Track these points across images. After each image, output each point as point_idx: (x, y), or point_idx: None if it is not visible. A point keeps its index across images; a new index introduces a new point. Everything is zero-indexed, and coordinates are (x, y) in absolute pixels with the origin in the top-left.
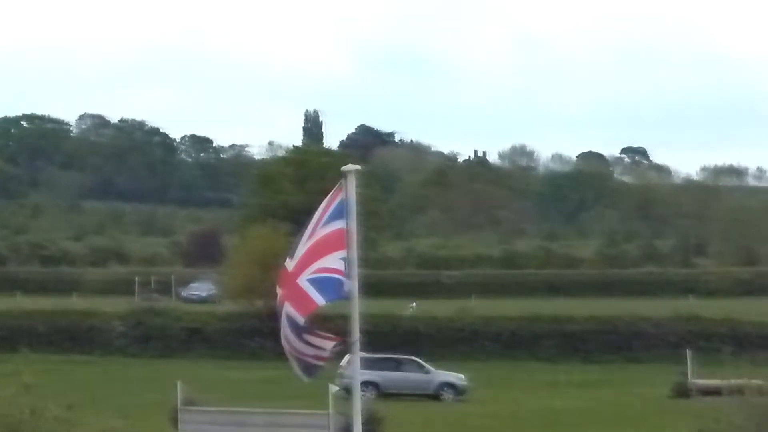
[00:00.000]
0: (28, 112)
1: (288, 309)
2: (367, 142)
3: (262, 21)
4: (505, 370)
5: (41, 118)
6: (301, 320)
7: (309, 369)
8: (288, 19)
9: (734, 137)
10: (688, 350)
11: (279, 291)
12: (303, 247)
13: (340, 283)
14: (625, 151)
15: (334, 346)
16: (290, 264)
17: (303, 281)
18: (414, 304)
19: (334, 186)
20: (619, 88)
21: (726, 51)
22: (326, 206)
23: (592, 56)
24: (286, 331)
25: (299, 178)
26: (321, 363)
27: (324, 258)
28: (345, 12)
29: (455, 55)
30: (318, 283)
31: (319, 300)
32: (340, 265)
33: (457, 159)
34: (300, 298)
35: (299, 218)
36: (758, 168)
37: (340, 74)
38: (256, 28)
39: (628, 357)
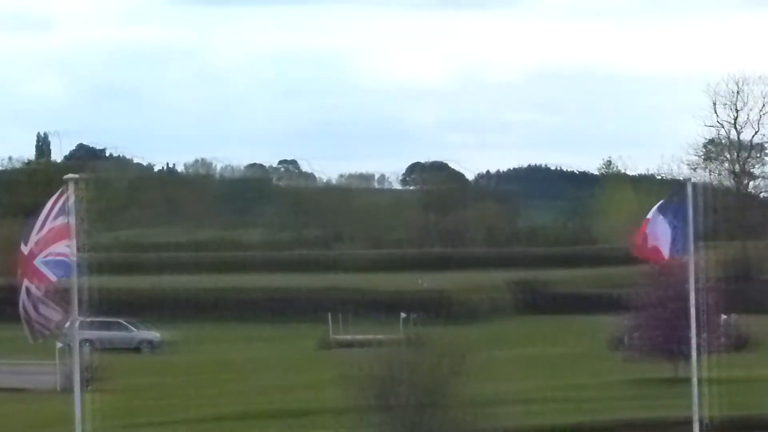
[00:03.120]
0: None
1: (27, 284)
2: (86, 156)
3: None
4: (195, 330)
5: None
6: (39, 293)
7: (36, 333)
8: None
9: (364, 151)
10: (329, 313)
11: (19, 270)
12: (36, 236)
13: (67, 264)
14: (281, 162)
15: (62, 322)
16: (25, 249)
17: (39, 262)
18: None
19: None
20: (276, 113)
21: (358, 81)
22: (52, 205)
23: (254, 87)
24: (24, 301)
25: (32, 185)
26: (47, 333)
27: (54, 245)
28: (63, 47)
29: (150, 86)
30: (51, 264)
31: (52, 277)
32: (67, 251)
33: (153, 168)
34: (38, 275)
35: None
36: (382, 174)
37: (66, 103)
38: None
39: (285, 319)
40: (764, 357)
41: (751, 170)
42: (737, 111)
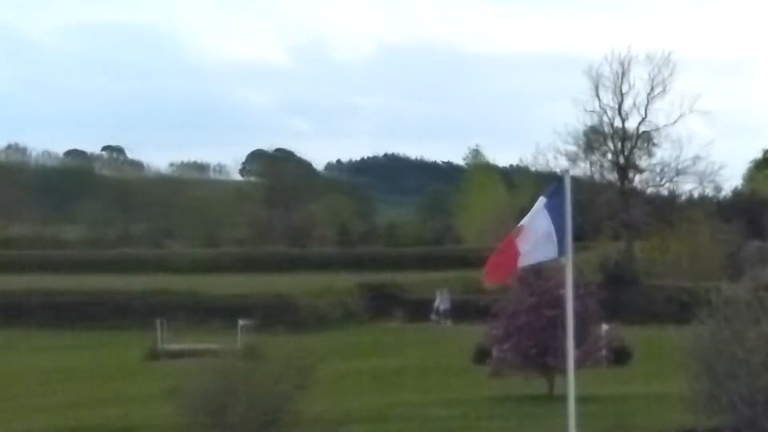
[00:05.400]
0: None
1: None
2: None
3: None
4: (3, 336)
5: None
6: None
7: None
8: None
9: (199, 137)
10: (158, 320)
11: None
12: None
13: None
14: (105, 148)
15: None
16: None
17: None
18: None
19: None
20: (99, 93)
21: (189, 59)
22: None
23: (75, 65)
24: None
25: None
26: None
27: None
28: None
29: None
30: None
31: None
32: None
33: None
34: None
35: None
36: (219, 164)
37: None
38: None
39: (108, 325)
40: (649, 372)
41: (637, 162)
42: (622, 95)
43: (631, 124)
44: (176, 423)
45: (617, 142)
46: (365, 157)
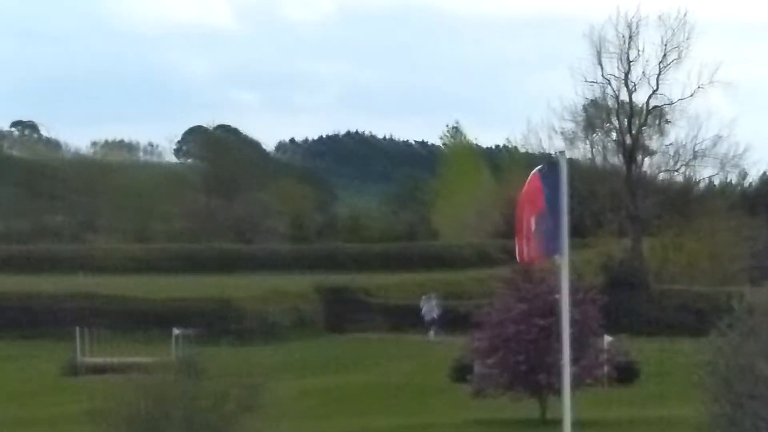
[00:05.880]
0: None
1: None
2: None
3: None
4: None
5: None
6: None
7: None
8: None
9: (126, 112)
10: (78, 328)
11: None
12: None
13: None
14: (15, 124)
15: None
16: None
17: None
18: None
19: None
20: (8, 61)
21: (116, 21)
22: None
23: None
24: None
25: None
26: None
27: None
28: None
29: None
30: None
31: None
32: None
33: None
34: None
35: None
36: (150, 143)
37: None
38: None
39: (19, 334)
40: (659, 392)
41: (647, 143)
42: (629, 63)
43: (640, 98)
44: None
45: (623, 119)
46: (324, 136)
